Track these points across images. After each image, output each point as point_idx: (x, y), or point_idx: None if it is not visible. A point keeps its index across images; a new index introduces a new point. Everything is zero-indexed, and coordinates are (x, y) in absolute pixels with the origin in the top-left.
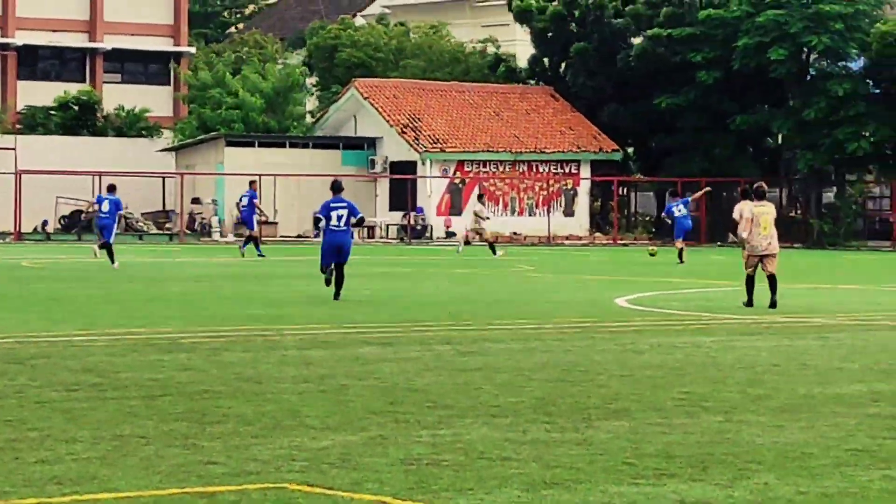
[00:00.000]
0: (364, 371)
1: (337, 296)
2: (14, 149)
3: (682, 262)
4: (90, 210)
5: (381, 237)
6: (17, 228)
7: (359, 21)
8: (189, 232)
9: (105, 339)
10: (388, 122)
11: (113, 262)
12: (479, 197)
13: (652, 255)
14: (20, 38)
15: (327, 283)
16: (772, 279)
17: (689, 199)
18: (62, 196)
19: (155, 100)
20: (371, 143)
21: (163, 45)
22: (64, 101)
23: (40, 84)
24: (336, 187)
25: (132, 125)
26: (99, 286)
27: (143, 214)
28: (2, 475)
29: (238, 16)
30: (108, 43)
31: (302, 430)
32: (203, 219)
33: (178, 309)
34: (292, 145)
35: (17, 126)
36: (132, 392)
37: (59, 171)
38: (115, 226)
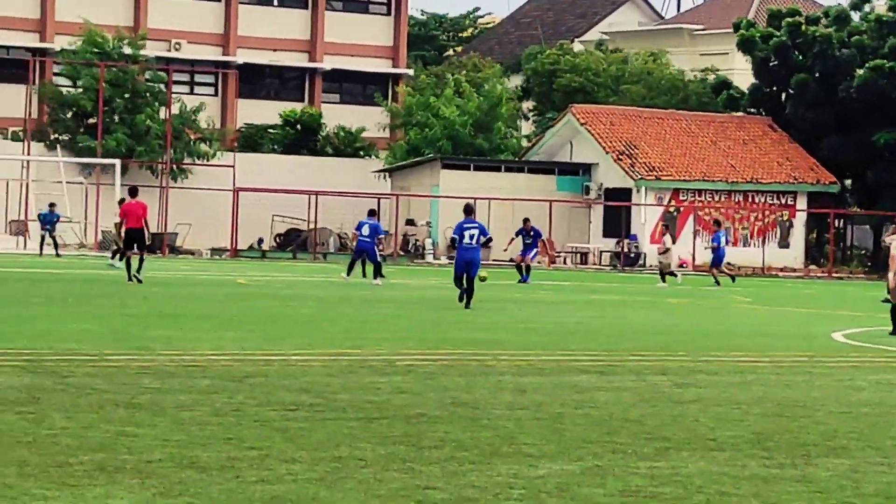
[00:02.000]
0: (579, 399)
1: (468, 305)
2: (233, 166)
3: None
4: (352, 236)
5: (594, 263)
6: (234, 245)
7: (577, 47)
8: (403, 253)
9: (321, 359)
10: (604, 148)
11: (376, 277)
12: (666, 227)
13: (482, 280)
14: (241, 57)
15: (460, 298)
16: None
17: None
18: (278, 214)
19: (371, 120)
20: (586, 169)
21: (381, 66)
22: (287, 118)
23: (260, 102)
24: (468, 210)
25: (349, 144)
26: (314, 305)
27: None
28: (223, 494)
29: (456, 39)
30: (328, 63)
31: (519, 457)
32: (417, 241)
33: (391, 331)
34: (507, 169)
35: (237, 144)
36: (349, 414)
37: (276, 190)
38: (375, 248)
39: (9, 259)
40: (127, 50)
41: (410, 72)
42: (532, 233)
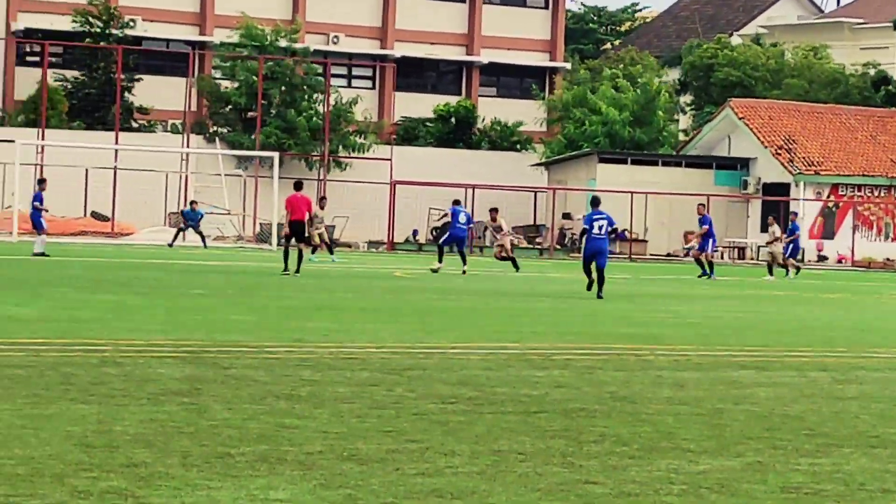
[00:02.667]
0: (738, 395)
1: (600, 295)
2: (390, 159)
3: None
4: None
5: (752, 259)
6: (391, 238)
7: (735, 40)
8: (559, 247)
9: (479, 352)
10: (762, 143)
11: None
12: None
13: (434, 271)
14: (399, 51)
15: (589, 287)
16: None
17: None
18: (434, 207)
19: (527, 114)
20: (744, 163)
21: (538, 60)
22: (442, 112)
23: (417, 96)
24: (595, 202)
25: (505, 139)
26: (470, 299)
27: (513, 228)
28: (383, 486)
29: (614, 33)
30: (485, 57)
31: (678, 452)
32: (573, 234)
33: (548, 325)
34: (664, 164)
35: (394, 137)
36: (508, 407)
37: (433, 183)
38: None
39: (169, 250)
40: (283, 43)
41: (567, 65)
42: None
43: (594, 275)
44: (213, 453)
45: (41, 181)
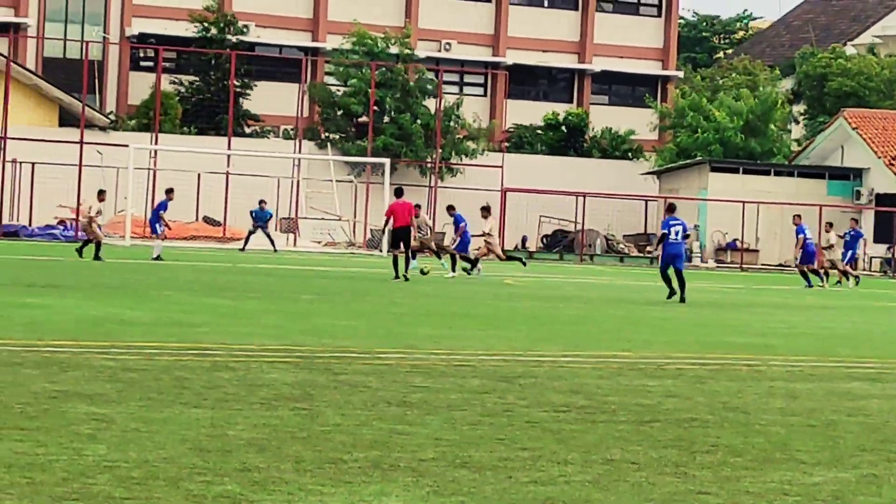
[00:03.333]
0: (852, 407)
1: (682, 299)
2: (501, 166)
3: None
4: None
5: (864, 269)
6: (501, 245)
7: (849, 50)
8: None
9: (590, 361)
10: (875, 153)
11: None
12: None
13: (424, 273)
14: (511, 58)
15: (669, 296)
16: None
17: None
18: (545, 215)
19: (639, 122)
20: (857, 173)
21: (651, 68)
22: (553, 120)
23: (528, 103)
24: (671, 208)
25: (617, 147)
26: (581, 307)
27: (624, 237)
28: (496, 493)
29: (727, 41)
30: (597, 65)
31: (792, 464)
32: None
33: (659, 333)
34: (777, 173)
35: (505, 145)
36: (621, 416)
37: (544, 191)
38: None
39: (278, 256)
40: (395, 50)
41: (680, 74)
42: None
43: (674, 282)
44: (326, 459)
45: (169, 190)
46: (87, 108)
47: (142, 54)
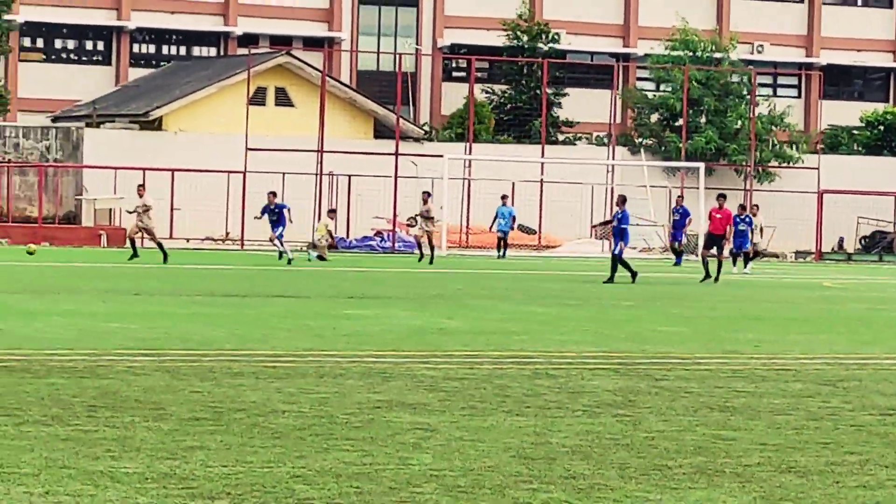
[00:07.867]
0: None
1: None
2: (818, 168)
3: None
4: None
5: None
6: (819, 247)
7: None
8: None
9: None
10: None
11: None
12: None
13: (30, 253)
14: (825, 58)
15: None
16: None
17: None
18: (863, 216)
19: None
20: None
21: None
22: (868, 120)
23: (844, 104)
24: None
25: None
26: None
27: None
28: (823, 498)
29: None
30: None
31: None
32: None
33: None
34: None
35: (821, 146)
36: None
37: (861, 192)
38: None
39: (591, 262)
40: (715, 53)
41: None
42: None
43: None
44: (651, 465)
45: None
46: (401, 120)
47: (454, 65)
